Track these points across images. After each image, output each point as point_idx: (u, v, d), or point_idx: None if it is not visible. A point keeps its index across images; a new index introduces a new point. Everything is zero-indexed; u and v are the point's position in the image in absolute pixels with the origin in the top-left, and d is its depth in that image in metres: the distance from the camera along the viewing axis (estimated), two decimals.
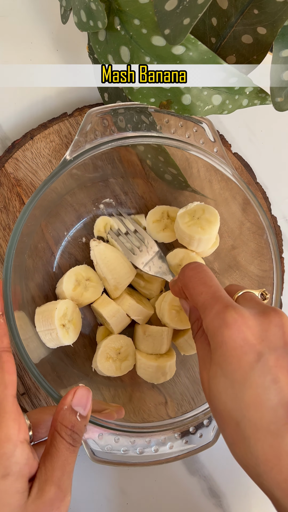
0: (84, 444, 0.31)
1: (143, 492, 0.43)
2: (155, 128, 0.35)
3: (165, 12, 0.28)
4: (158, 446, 0.32)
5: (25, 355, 0.32)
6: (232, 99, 0.32)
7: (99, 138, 0.34)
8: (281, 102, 0.33)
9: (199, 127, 0.36)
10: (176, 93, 0.31)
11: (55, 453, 0.28)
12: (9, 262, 0.32)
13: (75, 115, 0.43)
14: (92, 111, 0.34)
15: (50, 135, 0.42)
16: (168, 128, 0.36)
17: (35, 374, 0.32)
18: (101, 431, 0.32)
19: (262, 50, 0.34)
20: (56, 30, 0.45)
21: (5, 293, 0.32)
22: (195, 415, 0.34)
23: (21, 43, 0.45)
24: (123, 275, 0.40)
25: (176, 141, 0.36)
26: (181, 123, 0.35)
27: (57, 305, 0.36)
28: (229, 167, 0.37)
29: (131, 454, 0.32)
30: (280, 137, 0.49)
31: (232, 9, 0.34)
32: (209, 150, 0.36)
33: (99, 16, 0.31)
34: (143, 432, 0.33)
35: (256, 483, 0.25)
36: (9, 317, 0.31)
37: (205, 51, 0.29)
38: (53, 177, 0.33)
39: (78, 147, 0.34)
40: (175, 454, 0.33)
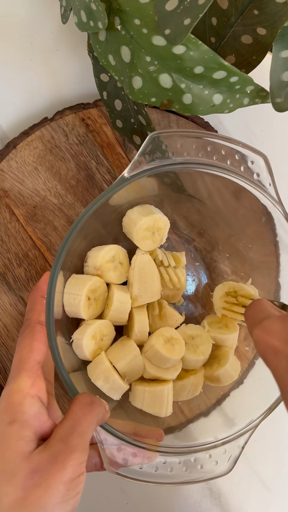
0: (102, 454, 0.31)
1: (143, 492, 0.43)
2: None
3: (165, 12, 0.28)
4: (173, 467, 0.33)
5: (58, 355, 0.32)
6: (233, 98, 0.32)
7: (157, 160, 0.34)
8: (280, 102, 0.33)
9: (254, 161, 0.36)
10: (177, 93, 0.31)
11: (68, 413, 0.28)
12: (61, 255, 0.32)
13: (56, 118, 0.43)
14: (153, 134, 0.34)
15: (33, 142, 0.42)
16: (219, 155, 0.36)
17: (66, 379, 0.32)
18: (138, 451, 0.32)
19: (262, 50, 0.34)
20: (56, 30, 0.45)
21: (50, 280, 0.32)
22: (213, 442, 0.34)
23: (21, 43, 0.45)
24: (148, 292, 0.40)
25: (229, 172, 0.36)
26: (237, 155, 0.36)
27: (93, 278, 0.37)
28: (279, 205, 0.37)
29: (146, 470, 0.32)
30: (280, 137, 0.49)
31: (232, 9, 0.34)
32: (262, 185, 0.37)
33: (99, 16, 0.31)
34: (162, 452, 0.33)
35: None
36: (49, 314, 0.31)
37: (206, 50, 0.29)
38: (110, 192, 0.33)
39: (136, 167, 0.34)
40: (189, 477, 0.33)
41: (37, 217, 0.42)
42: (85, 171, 0.43)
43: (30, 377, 0.29)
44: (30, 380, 0.29)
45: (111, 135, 0.44)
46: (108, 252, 0.39)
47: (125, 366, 0.37)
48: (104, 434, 0.31)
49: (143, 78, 0.32)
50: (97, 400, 0.29)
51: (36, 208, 0.42)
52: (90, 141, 0.44)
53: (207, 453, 0.34)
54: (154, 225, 0.40)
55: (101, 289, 0.38)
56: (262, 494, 0.45)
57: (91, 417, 0.28)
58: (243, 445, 0.34)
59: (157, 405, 0.37)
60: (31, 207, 0.42)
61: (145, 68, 0.31)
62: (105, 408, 0.30)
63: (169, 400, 0.38)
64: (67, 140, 0.43)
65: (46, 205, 0.42)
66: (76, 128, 0.43)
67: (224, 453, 0.34)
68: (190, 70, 0.30)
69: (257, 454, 0.46)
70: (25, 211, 0.42)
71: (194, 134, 0.35)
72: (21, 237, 0.42)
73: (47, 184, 0.42)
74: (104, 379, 0.36)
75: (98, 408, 0.28)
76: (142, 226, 0.39)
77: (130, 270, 0.40)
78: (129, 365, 0.37)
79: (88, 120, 0.44)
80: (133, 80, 0.32)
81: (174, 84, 0.31)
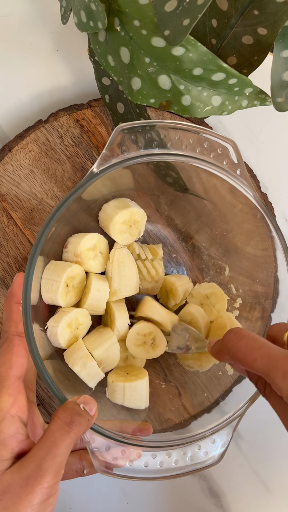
0: (91, 455, 0.31)
1: (143, 492, 0.43)
2: (165, 145, 0.35)
3: (164, 13, 0.28)
4: (163, 461, 0.33)
5: (35, 350, 0.31)
6: (231, 100, 0.32)
7: (125, 154, 0.34)
8: (281, 102, 0.33)
9: (224, 148, 0.36)
10: (176, 94, 0.31)
11: (46, 433, 0.27)
12: (32, 261, 0.32)
13: (51, 120, 0.43)
14: (120, 127, 0.34)
15: (28, 144, 0.42)
16: (184, 146, 0.36)
17: (47, 379, 0.31)
18: (109, 442, 0.32)
19: (263, 50, 0.34)
20: (56, 30, 0.45)
21: (25, 285, 0.31)
22: (202, 433, 0.34)
23: (21, 43, 0.45)
24: (127, 286, 0.40)
25: (201, 161, 0.36)
26: (206, 143, 0.35)
27: (72, 265, 0.37)
28: (250, 189, 0.37)
29: (136, 467, 0.32)
30: (280, 137, 0.49)
31: (232, 10, 0.34)
32: (232, 171, 0.36)
33: (99, 16, 0.31)
34: (150, 447, 0.33)
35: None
36: (26, 314, 0.31)
37: (204, 52, 0.29)
38: (79, 189, 0.33)
39: (105, 160, 0.34)
40: (180, 470, 0.33)
41: (35, 220, 0.42)
42: (82, 172, 0.43)
43: (10, 395, 0.29)
44: (10, 399, 0.28)
45: (106, 135, 0.44)
46: (90, 240, 0.39)
47: (102, 353, 0.37)
48: (91, 434, 0.31)
49: (142, 79, 0.32)
50: (77, 417, 0.28)
51: (34, 211, 0.42)
52: (85, 142, 0.43)
53: (197, 444, 0.33)
54: (130, 219, 0.40)
55: (80, 276, 0.38)
56: (262, 494, 0.45)
57: (69, 437, 0.27)
58: (231, 433, 0.34)
59: (137, 399, 0.38)
60: (28, 210, 0.42)
61: (144, 69, 0.31)
62: (89, 417, 0.29)
63: (147, 393, 0.39)
64: (62, 142, 0.43)
65: (44, 208, 0.42)
66: (71, 130, 0.43)
67: (214, 443, 0.34)
68: (189, 72, 0.30)
69: (257, 454, 0.46)
70: (22, 215, 0.42)
71: (164, 124, 0.34)
72: (19, 240, 0.42)
73: (44, 187, 0.42)
74: (82, 365, 0.36)
75: (78, 427, 0.28)
76: (118, 220, 0.39)
77: (109, 264, 0.40)
78: (106, 352, 0.38)
79: (83, 121, 0.43)
80: (132, 81, 0.32)
81: (173, 85, 0.31)
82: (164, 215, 0.44)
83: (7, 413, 0.28)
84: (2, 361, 0.31)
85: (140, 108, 0.38)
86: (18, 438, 0.28)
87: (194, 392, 0.42)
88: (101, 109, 0.43)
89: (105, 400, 0.39)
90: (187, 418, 0.41)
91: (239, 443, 0.46)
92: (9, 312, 0.33)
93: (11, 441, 0.27)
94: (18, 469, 0.26)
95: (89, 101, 0.44)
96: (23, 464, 0.26)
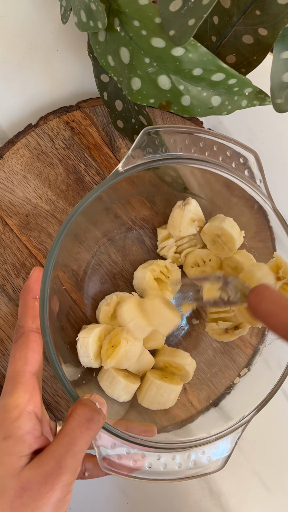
0: (97, 451, 0.31)
1: (143, 492, 0.43)
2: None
3: (169, 13, 0.28)
4: (167, 463, 0.33)
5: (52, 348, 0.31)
6: (231, 100, 0.32)
7: (150, 156, 0.34)
8: (281, 103, 0.33)
9: (244, 158, 0.36)
10: (175, 94, 0.31)
11: (65, 429, 0.27)
12: (52, 256, 0.32)
13: (40, 124, 0.42)
14: (146, 129, 0.34)
15: (19, 150, 0.42)
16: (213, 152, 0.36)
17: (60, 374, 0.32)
18: (115, 441, 0.32)
19: (263, 51, 0.34)
20: (56, 30, 0.45)
21: (43, 281, 0.31)
22: (206, 438, 0.34)
23: (21, 43, 0.45)
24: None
25: (221, 168, 0.36)
26: (229, 152, 0.36)
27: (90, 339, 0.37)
28: (269, 200, 0.37)
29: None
30: (280, 137, 0.49)
31: (235, 9, 0.33)
32: (253, 181, 0.37)
33: (99, 16, 0.31)
34: (155, 448, 0.33)
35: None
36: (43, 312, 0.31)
37: (204, 52, 0.29)
38: (104, 186, 0.33)
39: (129, 161, 0.34)
40: (182, 474, 0.33)
41: (31, 225, 0.42)
42: (74, 174, 0.43)
43: (26, 391, 0.29)
44: (27, 395, 0.28)
45: (97, 136, 0.44)
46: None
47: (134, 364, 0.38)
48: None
49: (142, 79, 0.32)
50: (96, 414, 0.28)
51: (29, 216, 0.42)
52: (77, 144, 0.43)
53: (201, 449, 0.33)
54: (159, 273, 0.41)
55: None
56: (262, 494, 0.46)
57: (88, 435, 0.27)
58: (236, 440, 0.34)
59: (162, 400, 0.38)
60: (24, 216, 0.42)
61: (144, 69, 0.31)
62: (104, 416, 0.29)
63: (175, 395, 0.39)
64: (53, 145, 0.43)
65: (39, 213, 0.42)
66: (61, 132, 0.43)
67: (217, 449, 0.34)
68: (188, 72, 0.30)
69: (257, 454, 0.46)
70: (18, 221, 0.42)
71: (187, 130, 0.34)
72: (16, 247, 0.42)
73: (38, 191, 0.42)
74: (125, 394, 0.38)
75: (96, 425, 0.28)
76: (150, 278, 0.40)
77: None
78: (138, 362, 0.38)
79: (73, 123, 0.43)
80: (132, 81, 0.32)
81: (173, 85, 0.31)
82: (160, 212, 0.44)
83: (24, 409, 0.28)
84: (17, 356, 0.30)
85: (139, 106, 0.37)
86: (35, 434, 0.28)
87: (199, 386, 0.42)
88: (91, 110, 0.43)
89: (112, 400, 0.39)
90: (194, 413, 0.41)
91: (239, 443, 0.46)
92: (25, 307, 0.32)
93: (28, 437, 0.27)
94: (37, 465, 0.26)
95: (78, 102, 0.44)
96: (41, 460, 0.26)
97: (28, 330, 0.31)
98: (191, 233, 0.42)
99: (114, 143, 0.44)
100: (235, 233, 0.40)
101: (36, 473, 0.26)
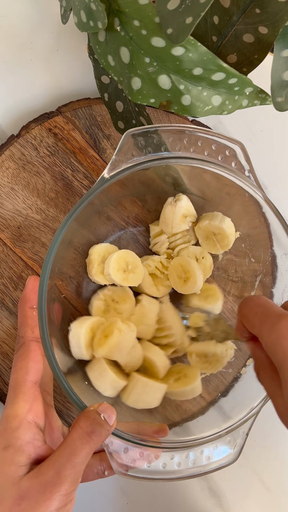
0: (110, 458, 0.31)
1: (143, 492, 0.43)
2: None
3: (167, 11, 0.28)
4: (181, 462, 0.33)
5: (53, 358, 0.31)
6: (232, 100, 0.31)
7: (135, 158, 0.34)
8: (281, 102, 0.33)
9: (231, 150, 0.36)
10: (176, 94, 0.31)
11: (67, 440, 0.28)
12: (47, 265, 0.31)
13: (23, 134, 0.42)
14: (129, 132, 0.34)
15: (4, 162, 0.42)
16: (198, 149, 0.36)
17: (64, 385, 0.31)
18: (144, 450, 0.32)
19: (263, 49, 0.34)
20: (56, 30, 0.45)
21: (40, 289, 0.31)
22: (218, 433, 0.34)
23: (21, 43, 0.45)
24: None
25: (212, 164, 0.36)
26: (214, 145, 0.35)
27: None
28: (259, 190, 0.37)
29: (154, 468, 0.32)
30: (280, 137, 0.49)
31: (234, 8, 0.33)
32: (241, 172, 0.37)
33: (99, 16, 0.31)
34: (168, 448, 0.33)
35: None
36: (42, 317, 0.31)
37: (204, 52, 0.29)
38: (91, 195, 0.33)
39: (115, 166, 0.33)
40: (198, 470, 0.33)
41: (24, 237, 0.42)
42: (62, 181, 0.43)
43: (27, 401, 0.29)
44: (27, 405, 0.28)
45: (81, 140, 0.43)
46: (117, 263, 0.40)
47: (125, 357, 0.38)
48: (109, 437, 0.31)
49: (142, 79, 0.31)
50: (98, 427, 0.28)
51: (21, 228, 0.42)
52: (61, 149, 0.43)
53: (213, 444, 0.34)
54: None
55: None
56: (262, 494, 0.45)
57: (89, 447, 0.27)
58: (247, 431, 0.34)
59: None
60: (15, 228, 0.41)
61: (144, 69, 0.31)
62: (109, 427, 0.29)
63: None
64: (38, 154, 0.42)
65: (30, 223, 0.42)
66: (45, 140, 0.42)
67: (229, 442, 0.34)
68: (189, 72, 0.30)
69: (257, 454, 0.46)
70: (10, 234, 0.41)
71: (172, 128, 0.34)
72: (11, 260, 0.41)
73: (27, 202, 0.42)
74: (112, 389, 0.37)
75: (98, 437, 0.28)
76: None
77: None
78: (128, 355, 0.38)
79: (55, 129, 0.43)
80: (132, 81, 0.32)
81: (173, 85, 0.31)
82: (152, 210, 0.44)
83: (23, 419, 0.28)
84: (18, 366, 0.31)
85: (140, 107, 0.37)
86: (35, 444, 0.28)
87: (207, 378, 0.42)
88: (72, 114, 0.43)
89: (122, 403, 0.39)
90: (204, 405, 0.41)
91: None
92: (24, 318, 0.33)
93: (28, 447, 0.27)
94: (36, 475, 0.26)
95: (58, 107, 0.43)
96: (41, 470, 0.26)
97: (28, 340, 0.32)
98: (184, 229, 0.42)
99: (99, 144, 0.44)
100: (231, 234, 0.40)
101: (35, 482, 0.26)
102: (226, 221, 0.40)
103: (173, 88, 0.31)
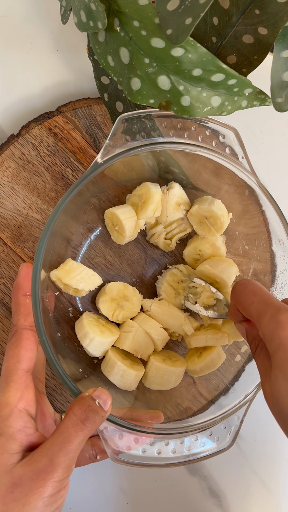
0: (105, 444, 0.31)
1: (143, 492, 0.43)
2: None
3: (167, 12, 0.28)
4: (176, 448, 0.33)
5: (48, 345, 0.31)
6: (231, 101, 0.31)
7: (129, 143, 0.34)
8: (281, 102, 0.33)
9: (224, 135, 0.36)
10: (175, 95, 0.31)
11: (60, 428, 0.28)
12: (41, 250, 0.31)
13: (23, 133, 0.42)
14: (122, 117, 0.33)
15: (4, 162, 0.42)
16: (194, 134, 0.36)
17: (59, 371, 0.31)
18: (139, 435, 0.32)
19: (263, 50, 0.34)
20: (56, 30, 0.45)
21: (34, 276, 0.31)
22: (213, 419, 0.34)
23: (21, 43, 0.45)
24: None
25: (205, 149, 0.36)
26: (208, 131, 0.35)
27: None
28: (253, 176, 0.37)
29: (148, 454, 0.32)
30: (280, 137, 0.49)
31: (234, 9, 0.33)
32: (235, 158, 0.37)
33: (99, 16, 0.31)
34: (163, 434, 0.33)
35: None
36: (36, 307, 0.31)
37: (204, 53, 0.29)
38: (84, 180, 0.33)
39: (108, 151, 0.33)
40: (192, 456, 0.33)
41: (24, 236, 0.42)
42: (62, 180, 0.43)
43: (18, 389, 0.29)
44: (18, 393, 0.29)
45: (81, 139, 0.43)
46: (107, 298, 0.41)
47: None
48: (104, 423, 0.31)
49: (141, 79, 0.31)
50: (92, 413, 0.28)
51: (21, 227, 0.42)
52: (61, 149, 0.43)
53: (208, 431, 0.34)
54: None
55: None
56: (262, 494, 0.46)
57: (83, 434, 0.27)
58: (241, 418, 0.34)
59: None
60: (16, 228, 0.41)
61: (144, 69, 0.31)
62: (104, 413, 0.29)
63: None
64: (38, 154, 0.42)
65: (30, 223, 0.42)
66: (45, 139, 0.42)
67: (224, 429, 0.34)
68: (188, 72, 0.30)
69: (257, 454, 0.46)
70: (10, 233, 0.41)
71: (165, 113, 0.34)
72: (12, 259, 0.41)
73: (27, 202, 0.42)
74: (121, 378, 0.38)
75: (92, 424, 0.28)
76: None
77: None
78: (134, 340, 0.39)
79: (55, 128, 0.43)
80: (131, 81, 0.32)
81: (173, 86, 0.31)
82: None
83: (14, 407, 0.28)
84: (10, 355, 0.31)
85: (139, 107, 0.37)
86: (27, 432, 0.28)
87: (207, 377, 0.42)
88: (72, 114, 0.43)
89: (117, 391, 0.39)
90: (205, 404, 0.42)
91: (239, 443, 0.46)
92: (17, 306, 0.33)
93: (19, 435, 0.27)
94: (29, 462, 0.26)
95: (58, 107, 0.43)
96: (34, 458, 0.26)
97: (21, 328, 0.32)
98: (178, 217, 0.42)
99: (99, 144, 0.44)
100: (223, 215, 0.40)
101: (28, 469, 0.26)
102: (215, 203, 0.40)
103: (172, 88, 0.31)
